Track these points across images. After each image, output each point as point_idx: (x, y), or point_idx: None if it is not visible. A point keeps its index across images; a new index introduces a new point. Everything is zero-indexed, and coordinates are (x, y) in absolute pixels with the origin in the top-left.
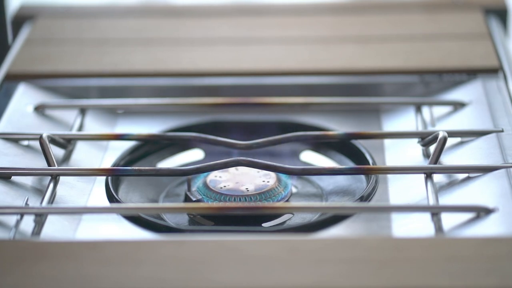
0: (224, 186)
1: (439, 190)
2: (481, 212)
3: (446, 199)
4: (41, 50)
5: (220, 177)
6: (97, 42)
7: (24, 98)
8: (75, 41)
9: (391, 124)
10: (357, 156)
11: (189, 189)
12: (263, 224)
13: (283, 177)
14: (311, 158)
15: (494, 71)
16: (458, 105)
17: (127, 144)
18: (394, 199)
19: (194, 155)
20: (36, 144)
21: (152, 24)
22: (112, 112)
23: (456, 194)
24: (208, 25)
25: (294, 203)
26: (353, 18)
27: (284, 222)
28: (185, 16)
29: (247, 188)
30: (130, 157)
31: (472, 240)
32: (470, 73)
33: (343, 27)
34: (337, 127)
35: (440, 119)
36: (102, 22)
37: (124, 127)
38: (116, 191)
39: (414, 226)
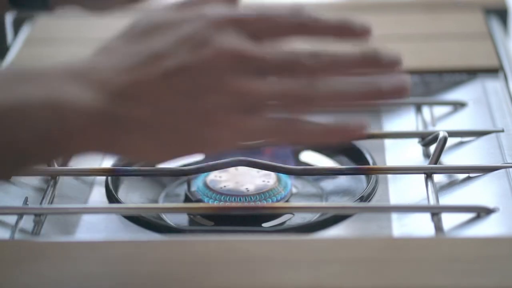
0: (224, 186)
1: (439, 190)
2: (481, 212)
3: (446, 199)
4: (41, 50)
5: (220, 177)
6: (97, 42)
7: None
8: (75, 41)
9: (391, 124)
10: (357, 156)
11: (189, 189)
12: (263, 224)
13: (283, 177)
14: (311, 158)
15: (494, 71)
16: (458, 105)
17: None
18: (394, 199)
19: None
20: None
21: None
22: None
23: (456, 194)
24: None
25: (294, 203)
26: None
27: (284, 222)
28: None
29: (247, 188)
30: None
31: (472, 240)
32: (470, 73)
33: None
34: None
35: (440, 119)
36: (102, 22)
37: None
38: (116, 191)
39: (414, 226)
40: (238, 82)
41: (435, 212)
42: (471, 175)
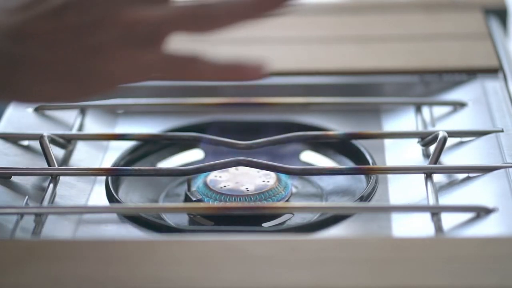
0: (224, 186)
1: (439, 190)
2: (481, 212)
3: (446, 199)
4: None
5: (220, 177)
6: None
7: None
8: None
9: (391, 124)
10: (357, 156)
11: (189, 189)
12: (263, 224)
13: (283, 177)
14: (311, 158)
15: (494, 71)
16: (458, 105)
17: (127, 144)
18: (394, 199)
19: (194, 155)
20: (36, 144)
21: None
22: (112, 112)
23: (456, 194)
24: None
25: (294, 203)
26: (353, 18)
27: (284, 222)
28: None
29: (247, 188)
30: (130, 157)
31: (472, 240)
32: (470, 73)
33: (343, 27)
34: (337, 127)
35: (440, 119)
36: None
37: (124, 127)
38: (116, 191)
39: (414, 226)
40: (127, 12)
41: (435, 212)
42: (470, 175)
